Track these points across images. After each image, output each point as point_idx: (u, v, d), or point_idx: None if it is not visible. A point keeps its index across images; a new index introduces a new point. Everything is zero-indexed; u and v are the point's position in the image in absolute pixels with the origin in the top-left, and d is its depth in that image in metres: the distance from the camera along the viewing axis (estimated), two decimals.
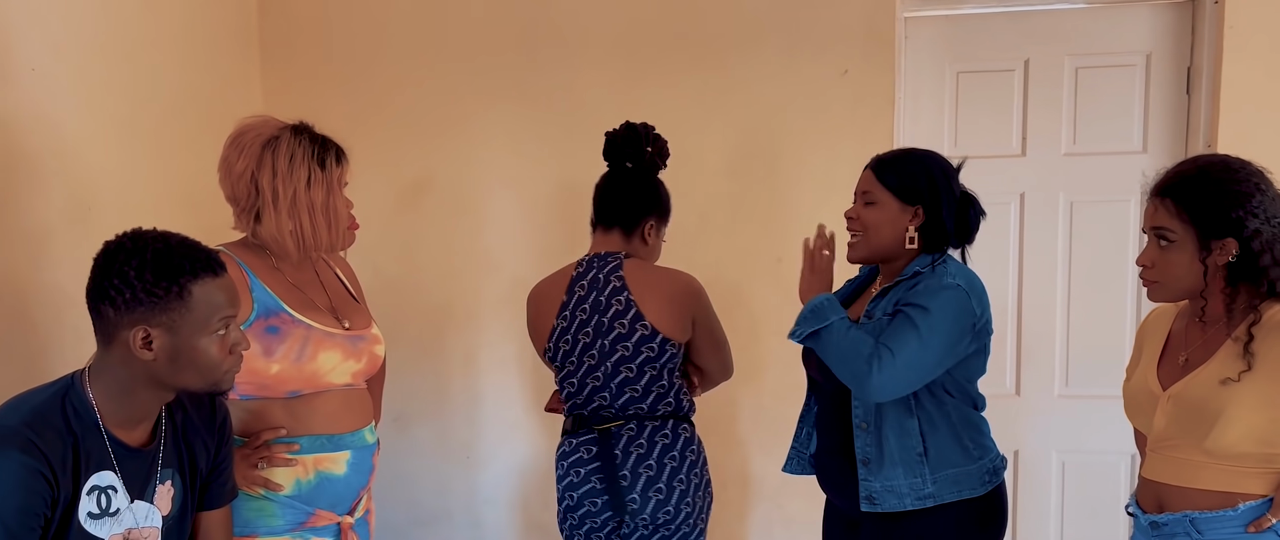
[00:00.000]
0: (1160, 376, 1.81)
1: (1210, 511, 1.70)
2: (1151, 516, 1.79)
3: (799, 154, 3.06)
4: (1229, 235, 1.67)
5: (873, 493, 2.04)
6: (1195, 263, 1.71)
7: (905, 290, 2.02)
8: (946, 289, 1.97)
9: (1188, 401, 1.73)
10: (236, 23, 3.21)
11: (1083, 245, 3.09)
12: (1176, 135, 2.99)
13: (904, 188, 2.06)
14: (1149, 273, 1.78)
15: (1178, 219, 1.71)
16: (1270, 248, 1.67)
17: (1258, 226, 1.66)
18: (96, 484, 1.53)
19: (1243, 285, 1.71)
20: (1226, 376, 1.67)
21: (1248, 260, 1.68)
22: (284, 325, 1.89)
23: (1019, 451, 3.14)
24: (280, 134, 1.92)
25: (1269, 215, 1.67)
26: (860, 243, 2.11)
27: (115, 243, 1.54)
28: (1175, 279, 1.74)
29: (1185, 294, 1.77)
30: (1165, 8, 2.98)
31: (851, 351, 1.96)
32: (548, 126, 3.20)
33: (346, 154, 2.00)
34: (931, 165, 2.09)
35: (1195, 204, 1.70)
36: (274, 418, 1.91)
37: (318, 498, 1.94)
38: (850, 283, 2.32)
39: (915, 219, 2.07)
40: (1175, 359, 1.81)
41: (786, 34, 3.05)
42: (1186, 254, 1.71)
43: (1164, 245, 1.74)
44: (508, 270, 3.28)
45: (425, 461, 3.36)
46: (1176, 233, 1.72)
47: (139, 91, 2.68)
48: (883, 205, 2.08)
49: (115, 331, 1.52)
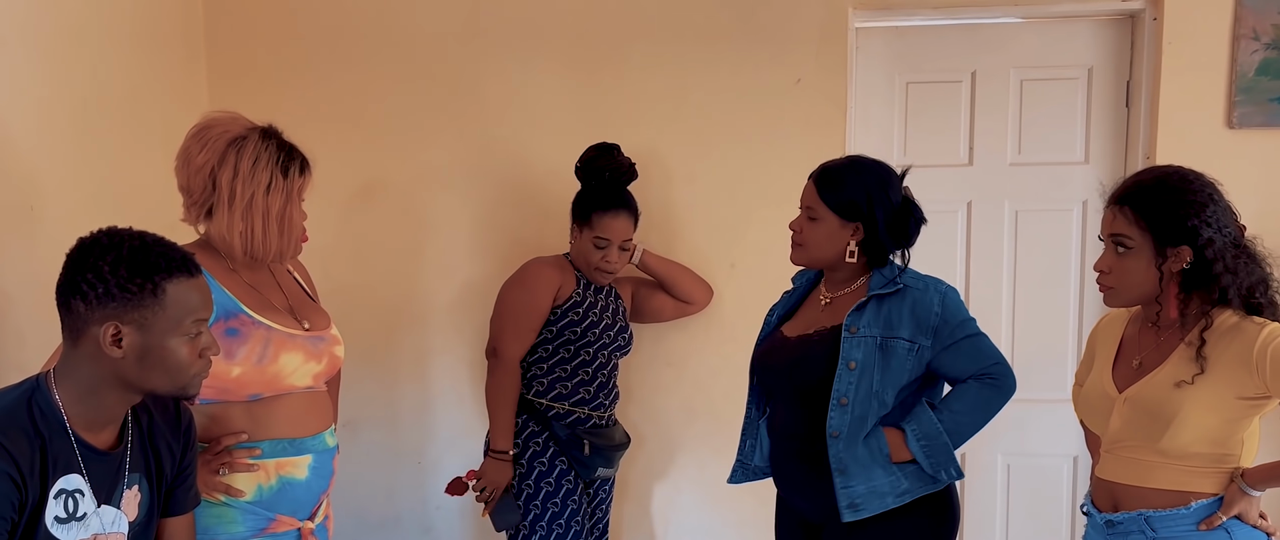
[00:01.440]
0: (1115, 379, 1.86)
1: (1164, 510, 1.76)
2: (1107, 515, 1.85)
3: (753, 160, 3.09)
4: (1184, 243, 1.73)
5: (856, 499, 2.08)
6: (1151, 269, 1.76)
7: (904, 310, 2.09)
8: (947, 295, 2.12)
9: (1143, 404, 1.78)
10: (181, 22, 3.14)
11: (1028, 252, 3.16)
12: (1117, 146, 3.09)
13: (842, 206, 2.13)
14: (1106, 278, 1.84)
15: (1135, 226, 1.77)
16: (1222, 256, 1.73)
17: (1211, 235, 1.73)
18: (64, 488, 1.50)
19: (1196, 292, 1.77)
20: (1181, 379, 1.73)
21: (1201, 267, 1.74)
22: (244, 327, 1.86)
23: (965, 454, 3.20)
24: (248, 134, 1.90)
25: (1221, 225, 1.74)
26: (802, 251, 2.20)
27: (91, 238, 1.51)
28: (1132, 285, 1.80)
29: (1141, 299, 1.82)
30: (1106, 23, 3.07)
31: (982, 407, 2.10)
32: (498, 128, 3.19)
33: (310, 166, 1.98)
34: (870, 179, 2.14)
35: (1152, 212, 1.75)
36: (235, 422, 1.87)
37: (279, 503, 1.91)
38: (789, 295, 2.37)
39: (856, 235, 2.15)
40: (1129, 362, 1.86)
41: (740, 42, 3.08)
42: (1143, 260, 1.77)
43: (1121, 252, 1.79)
44: (459, 273, 3.26)
45: (375, 467, 3.31)
46: (1134, 239, 1.77)
47: (81, 91, 2.61)
48: (824, 221, 2.15)
49: (85, 327, 1.49)
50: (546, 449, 2.76)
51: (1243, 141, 2.90)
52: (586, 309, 2.78)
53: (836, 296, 2.20)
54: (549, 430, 2.76)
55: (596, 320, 2.78)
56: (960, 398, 2.09)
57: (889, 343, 2.07)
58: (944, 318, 2.08)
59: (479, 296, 3.23)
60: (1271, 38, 2.86)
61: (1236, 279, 1.73)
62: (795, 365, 2.17)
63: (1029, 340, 3.17)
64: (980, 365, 2.08)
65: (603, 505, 2.93)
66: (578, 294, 2.79)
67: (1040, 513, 3.22)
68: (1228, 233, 1.75)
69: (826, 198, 2.13)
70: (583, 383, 2.77)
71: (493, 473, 2.73)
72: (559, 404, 2.76)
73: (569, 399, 2.77)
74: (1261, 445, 1.84)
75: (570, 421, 2.76)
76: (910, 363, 2.08)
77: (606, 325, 2.80)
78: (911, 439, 2.06)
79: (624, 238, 2.74)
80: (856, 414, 2.08)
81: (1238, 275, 1.74)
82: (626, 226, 2.75)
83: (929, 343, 2.08)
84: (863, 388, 2.07)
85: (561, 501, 2.75)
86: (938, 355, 2.09)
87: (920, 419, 2.08)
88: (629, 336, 2.91)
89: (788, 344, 2.22)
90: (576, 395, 2.77)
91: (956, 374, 2.10)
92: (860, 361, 2.07)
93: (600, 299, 2.83)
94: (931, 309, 2.08)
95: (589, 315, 2.77)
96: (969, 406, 2.08)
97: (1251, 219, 1.89)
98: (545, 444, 2.77)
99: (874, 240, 2.14)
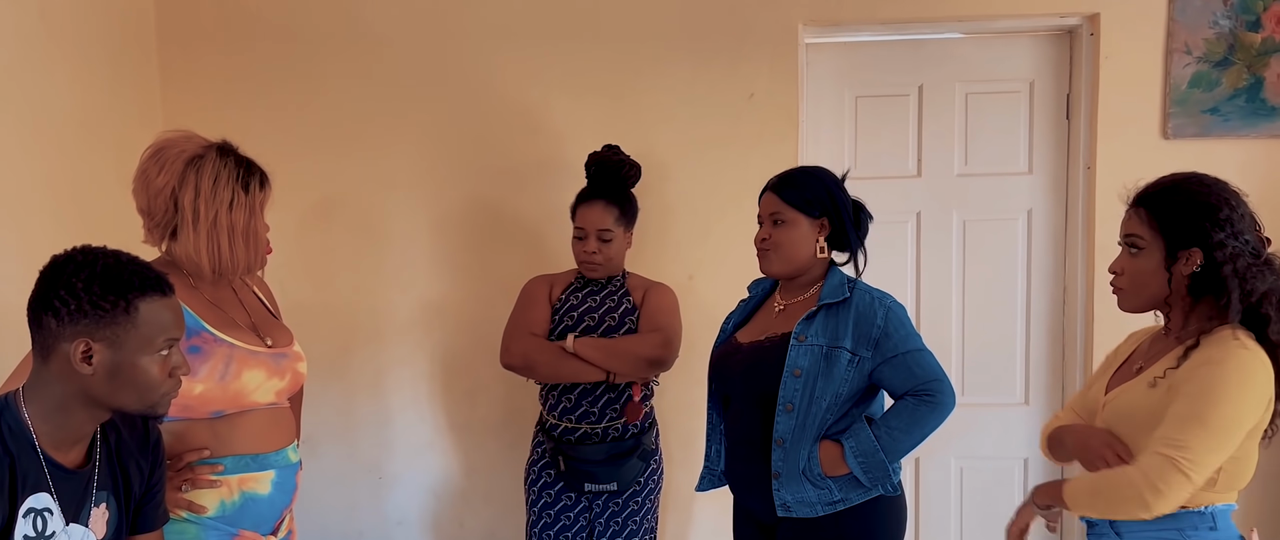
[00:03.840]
0: (1110, 384, 1.88)
1: None
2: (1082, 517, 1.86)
3: (709, 173, 3.15)
4: (1195, 245, 1.73)
5: (786, 502, 2.16)
6: (1161, 271, 1.76)
7: (849, 321, 2.13)
8: (892, 310, 2.15)
9: (1119, 406, 1.80)
10: (134, 36, 3.14)
11: (976, 261, 3.25)
12: (1059, 157, 3.19)
13: (809, 203, 2.20)
14: (1118, 279, 1.84)
15: (1148, 227, 1.77)
16: (1233, 261, 1.70)
17: (1223, 239, 1.70)
18: (32, 506, 1.49)
19: (1206, 297, 1.75)
20: (1156, 378, 1.74)
21: (1211, 272, 1.72)
22: (206, 344, 1.86)
23: (919, 459, 3.28)
24: (205, 152, 1.90)
25: (1236, 231, 1.71)
26: (774, 258, 2.23)
27: (64, 256, 1.52)
28: (1141, 286, 1.80)
29: (1150, 302, 1.82)
30: (1046, 38, 3.18)
31: (917, 424, 2.12)
32: (459, 142, 3.21)
33: (269, 179, 2.00)
34: (826, 177, 2.24)
35: (1165, 213, 1.75)
36: (198, 439, 1.87)
37: (242, 518, 1.91)
38: (744, 303, 2.42)
39: (824, 230, 2.21)
40: (1130, 368, 1.87)
41: (694, 58, 3.14)
42: (1153, 262, 1.77)
43: (1134, 253, 1.80)
44: (418, 288, 3.27)
45: (334, 483, 3.30)
46: (1145, 240, 1.77)
47: (33, 108, 2.60)
48: (793, 223, 2.20)
49: (56, 344, 1.49)
50: (540, 458, 2.78)
51: (1177, 151, 2.99)
52: (565, 311, 2.77)
53: (790, 304, 2.26)
54: (547, 439, 2.77)
55: (574, 322, 2.74)
56: (897, 415, 2.14)
57: (834, 352, 2.13)
58: (886, 331, 2.12)
59: (437, 311, 3.25)
60: (1203, 52, 2.97)
61: (1244, 285, 1.70)
62: (748, 371, 2.23)
63: (978, 346, 3.25)
64: (918, 381, 2.12)
65: (606, 518, 2.76)
66: (564, 296, 2.79)
67: (992, 514, 3.28)
68: (1245, 240, 1.72)
69: (791, 198, 2.20)
70: (563, 390, 2.74)
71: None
72: (550, 415, 2.76)
73: (553, 409, 2.75)
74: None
75: (558, 433, 2.74)
76: (851, 373, 2.13)
77: (588, 326, 2.73)
78: (849, 455, 2.12)
79: (599, 227, 2.73)
80: (800, 420, 2.13)
81: (1247, 282, 1.70)
82: (602, 216, 2.73)
83: (869, 355, 2.13)
84: (807, 395, 2.13)
85: (555, 514, 2.76)
86: (877, 368, 2.13)
87: (859, 436, 2.12)
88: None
89: (741, 350, 2.27)
90: (559, 405, 2.74)
91: (895, 388, 2.15)
92: (805, 369, 2.13)
93: (595, 300, 2.78)
94: (874, 322, 2.13)
95: (566, 318, 2.75)
96: (905, 424, 2.12)
97: None
98: (540, 453, 2.79)
99: (840, 233, 2.21)
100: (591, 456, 2.69)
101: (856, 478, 2.13)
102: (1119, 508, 1.73)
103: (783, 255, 2.21)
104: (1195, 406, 1.66)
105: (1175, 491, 1.66)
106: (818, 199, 2.19)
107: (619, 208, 2.76)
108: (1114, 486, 1.72)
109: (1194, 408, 1.66)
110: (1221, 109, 2.98)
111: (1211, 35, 2.97)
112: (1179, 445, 1.65)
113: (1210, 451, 1.66)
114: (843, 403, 2.15)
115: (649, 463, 2.77)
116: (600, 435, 2.71)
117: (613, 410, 2.70)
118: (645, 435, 2.75)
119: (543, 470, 2.77)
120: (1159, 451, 1.67)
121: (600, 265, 2.75)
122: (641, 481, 2.76)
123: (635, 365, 2.67)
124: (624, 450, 2.71)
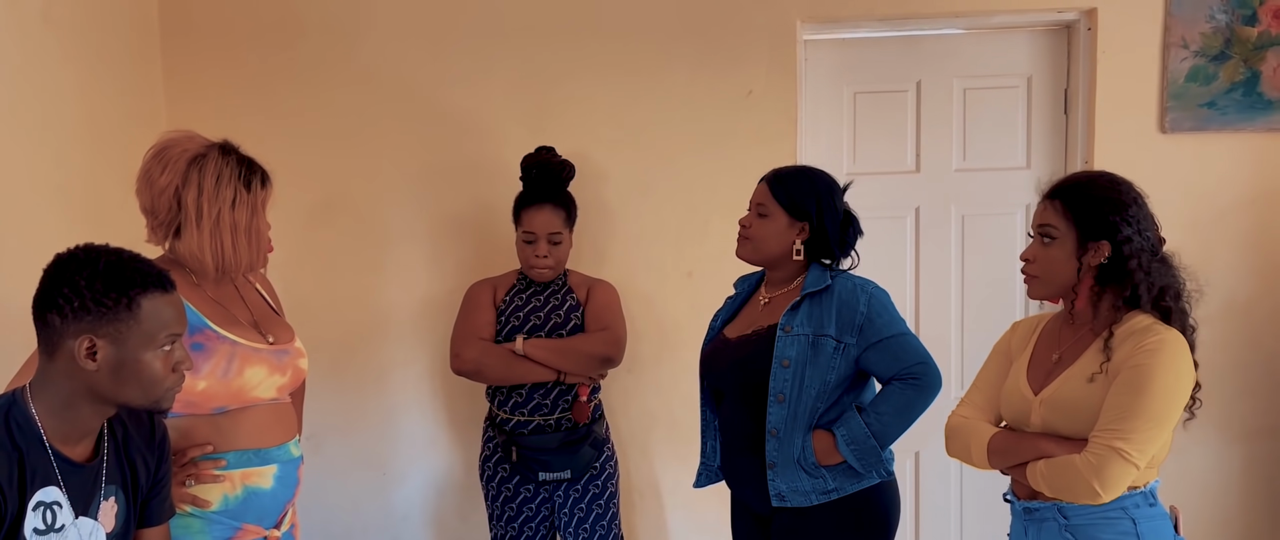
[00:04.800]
0: (1031, 380, 1.95)
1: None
2: (1025, 503, 1.93)
3: (707, 170, 3.17)
4: (1104, 238, 1.84)
5: (781, 491, 2.19)
6: (1072, 260, 1.87)
7: (832, 309, 2.17)
8: (874, 296, 2.18)
9: (1058, 403, 1.87)
10: (139, 37, 3.17)
11: (974, 255, 3.27)
12: (1056, 152, 3.20)
13: (794, 205, 2.23)
14: (1030, 267, 1.94)
15: (1063, 218, 1.88)
16: (1138, 255, 1.84)
17: (1130, 234, 1.83)
18: (42, 500, 1.52)
19: (1110, 287, 1.87)
20: (1093, 373, 1.83)
21: (1117, 264, 1.85)
22: (209, 342, 1.89)
23: (919, 452, 3.30)
24: (207, 152, 1.93)
25: (1140, 228, 1.85)
26: (749, 245, 2.29)
27: (67, 254, 1.55)
28: (1052, 274, 1.90)
29: (1059, 291, 1.93)
30: (1043, 33, 3.19)
31: (906, 408, 2.15)
32: (460, 142, 3.24)
33: (271, 177, 2.03)
34: (820, 185, 2.26)
35: (1079, 206, 1.87)
36: (201, 434, 1.90)
37: (245, 512, 1.94)
38: (731, 300, 2.46)
39: (801, 233, 2.25)
40: (1047, 358, 1.95)
41: (693, 56, 3.16)
42: (1065, 251, 1.88)
43: (1047, 242, 1.90)
44: (419, 286, 3.29)
45: (339, 479, 3.33)
46: (1059, 230, 1.88)
47: (40, 110, 2.63)
48: (773, 218, 2.25)
49: (60, 341, 1.52)
50: (494, 453, 2.84)
51: (1174, 145, 3.02)
52: (510, 313, 2.82)
53: (775, 296, 2.29)
54: (497, 433, 2.82)
55: (520, 323, 2.79)
56: (885, 400, 2.17)
57: (820, 340, 2.16)
58: (869, 317, 2.16)
59: (438, 309, 3.27)
60: (1200, 46, 2.99)
61: (1149, 279, 1.83)
62: (737, 365, 2.26)
63: (977, 340, 3.26)
64: (903, 365, 2.15)
65: (569, 506, 2.82)
66: (508, 298, 2.85)
67: (991, 504, 3.28)
68: (1147, 236, 1.85)
69: (778, 195, 2.24)
70: (514, 388, 2.79)
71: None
72: (501, 410, 2.81)
73: (504, 405, 2.81)
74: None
75: (510, 427, 2.79)
76: (838, 361, 2.16)
77: (535, 326, 2.79)
78: (841, 443, 2.14)
79: (549, 231, 2.77)
80: (792, 410, 2.17)
81: (1150, 276, 1.83)
82: (550, 219, 2.78)
83: (854, 341, 2.16)
84: (797, 385, 2.16)
85: (517, 507, 2.82)
86: (863, 353, 2.17)
87: (850, 424, 2.15)
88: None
89: (729, 345, 2.31)
90: (510, 401, 2.79)
91: (881, 373, 2.18)
92: (794, 359, 2.16)
93: (539, 300, 2.84)
94: (857, 308, 2.16)
95: (512, 319, 2.80)
96: (893, 409, 2.15)
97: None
98: (492, 448, 2.85)
99: (819, 241, 2.25)
100: (546, 445, 2.74)
101: (851, 466, 2.16)
102: (1070, 493, 1.82)
103: (755, 244, 2.27)
104: (1135, 396, 1.76)
105: (1121, 479, 1.77)
106: (803, 202, 2.23)
107: (565, 210, 2.83)
108: (1064, 475, 1.81)
109: (1134, 397, 1.76)
110: (1218, 103, 2.99)
111: (1208, 29, 2.98)
112: (1123, 435, 1.75)
113: (1152, 438, 1.77)
114: (832, 390, 2.18)
115: (601, 451, 2.84)
116: (554, 425, 2.77)
117: (564, 402, 2.77)
118: (596, 425, 2.83)
119: (497, 464, 2.83)
120: (1106, 443, 1.76)
121: (551, 268, 2.81)
122: (598, 467, 2.83)
123: (586, 363, 2.76)
124: (577, 438, 2.77)
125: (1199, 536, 2.56)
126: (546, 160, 2.85)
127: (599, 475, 2.84)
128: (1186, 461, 2.94)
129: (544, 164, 2.84)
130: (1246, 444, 3.09)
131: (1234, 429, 3.06)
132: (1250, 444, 3.09)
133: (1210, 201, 3.02)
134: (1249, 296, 3.02)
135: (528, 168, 2.85)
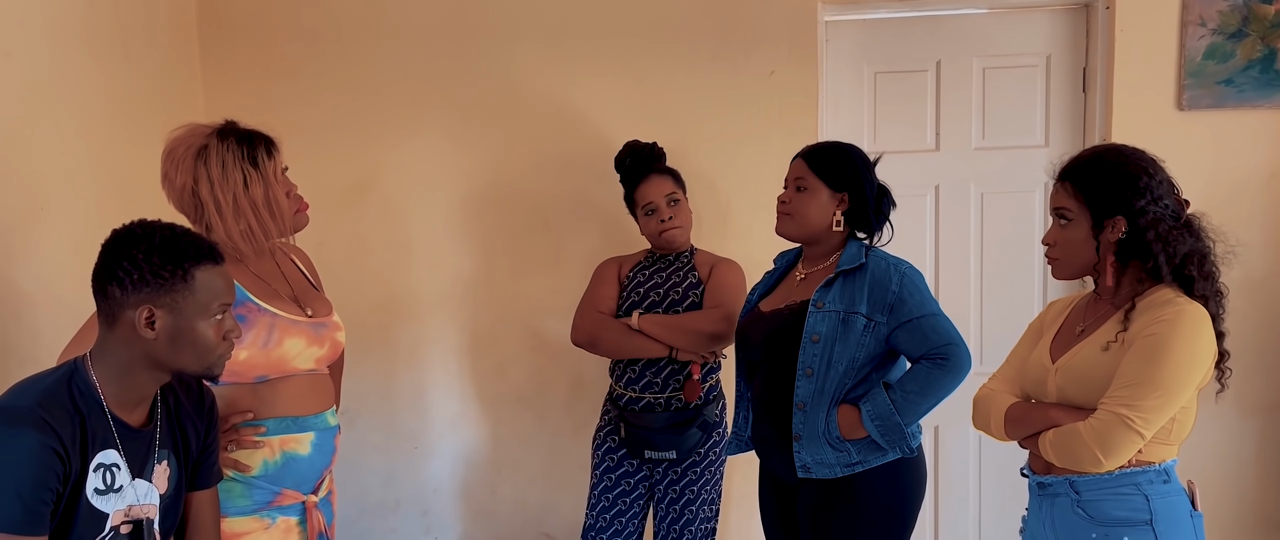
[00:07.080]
0: (1053, 351, 1.97)
1: (1087, 474, 1.84)
2: (1038, 477, 1.95)
3: (731, 151, 3.23)
4: (1119, 213, 1.83)
5: (806, 463, 2.24)
6: (1090, 239, 1.87)
7: (864, 287, 2.21)
8: (907, 275, 2.21)
9: (1073, 370, 1.87)
10: (177, 29, 3.25)
11: (993, 233, 3.31)
12: (1074, 130, 3.23)
13: (834, 176, 2.27)
14: (1051, 250, 1.95)
15: (1074, 199, 1.88)
16: (1155, 226, 1.81)
17: (1144, 206, 1.82)
18: (102, 461, 1.62)
19: (1133, 262, 1.86)
20: (1108, 341, 1.82)
21: (1135, 237, 1.83)
22: (251, 314, 1.97)
23: (939, 427, 3.35)
24: (207, 141, 1.98)
25: (1156, 197, 1.82)
26: (790, 221, 2.32)
27: (124, 229, 1.64)
28: (1073, 255, 1.91)
29: (1082, 270, 1.92)
30: (1062, 13, 3.21)
31: (932, 387, 2.17)
32: (487, 125, 3.31)
33: (277, 142, 2.06)
34: (856, 157, 2.30)
35: (1089, 185, 1.86)
36: (242, 402, 1.98)
37: (284, 477, 2.02)
38: (769, 275, 2.51)
39: (842, 204, 2.28)
40: (1071, 333, 1.96)
41: (715, 38, 3.21)
42: (1082, 231, 1.88)
43: (1063, 224, 1.91)
44: (449, 267, 3.38)
45: (373, 453, 3.44)
46: (1073, 211, 1.89)
47: (84, 98, 2.71)
48: (814, 191, 2.28)
49: (120, 311, 1.61)
50: (606, 425, 2.89)
51: (1192, 123, 3.04)
52: (632, 287, 2.85)
53: (811, 272, 2.34)
54: (613, 407, 2.86)
55: (640, 299, 2.81)
56: (912, 378, 2.20)
57: (850, 317, 2.20)
58: (900, 296, 2.19)
59: (468, 288, 3.36)
60: (1218, 23, 3.00)
61: (1168, 248, 1.80)
62: (769, 338, 2.31)
63: (996, 316, 3.31)
64: (932, 345, 2.17)
65: (665, 485, 2.82)
66: (632, 273, 2.88)
67: (1010, 480, 3.34)
68: (1165, 204, 1.82)
69: (817, 168, 2.28)
70: (629, 362, 2.81)
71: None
72: (617, 385, 2.85)
73: (619, 380, 2.84)
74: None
75: (624, 402, 2.81)
76: (867, 338, 2.20)
77: (653, 302, 2.80)
78: (866, 418, 2.19)
79: (665, 193, 2.82)
80: (819, 384, 2.21)
81: (1170, 245, 1.80)
82: (662, 183, 2.83)
83: (885, 320, 2.19)
84: (825, 360, 2.20)
85: (615, 479, 2.86)
86: (893, 332, 2.20)
87: (876, 399, 2.19)
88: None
89: (763, 318, 2.36)
90: (625, 376, 2.82)
91: (910, 352, 2.21)
92: (824, 335, 2.20)
93: (661, 276, 2.85)
94: (889, 287, 2.20)
95: (633, 294, 2.84)
96: (920, 387, 2.18)
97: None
98: (606, 420, 2.89)
99: (859, 212, 2.29)
100: (652, 424, 2.75)
101: (874, 441, 2.21)
102: (1074, 460, 1.82)
103: (797, 220, 2.30)
104: (1146, 365, 1.75)
105: (1126, 447, 1.76)
106: (843, 173, 2.27)
107: (671, 175, 2.86)
108: (1068, 442, 1.82)
109: (1145, 366, 1.75)
110: (1236, 80, 3.01)
111: (1225, 7, 2.99)
112: (1130, 403, 1.74)
113: (1160, 409, 1.75)
114: (860, 367, 2.22)
115: (711, 434, 2.79)
116: (664, 405, 2.76)
117: (675, 382, 2.77)
118: (708, 407, 2.78)
119: (607, 436, 2.87)
120: (1111, 409, 1.76)
121: (680, 228, 2.82)
122: (702, 452, 2.79)
123: (696, 340, 2.72)
124: (684, 419, 2.75)
125: (1214, 510, 2.59)
126: (636, 148, 2.88)
127: (702, 461, 2.80)
128: (1202, 436, 2.95)
129: (635, 151, 2.88)
130: (1262, 418, 3.12)
131: (1249, 403, 3.09)
132: (1266, 418, 3.12)
133: (1228, 178, 3.03)
134: (1266, 272, 3.05)
135: (621, 159, 2.89)
